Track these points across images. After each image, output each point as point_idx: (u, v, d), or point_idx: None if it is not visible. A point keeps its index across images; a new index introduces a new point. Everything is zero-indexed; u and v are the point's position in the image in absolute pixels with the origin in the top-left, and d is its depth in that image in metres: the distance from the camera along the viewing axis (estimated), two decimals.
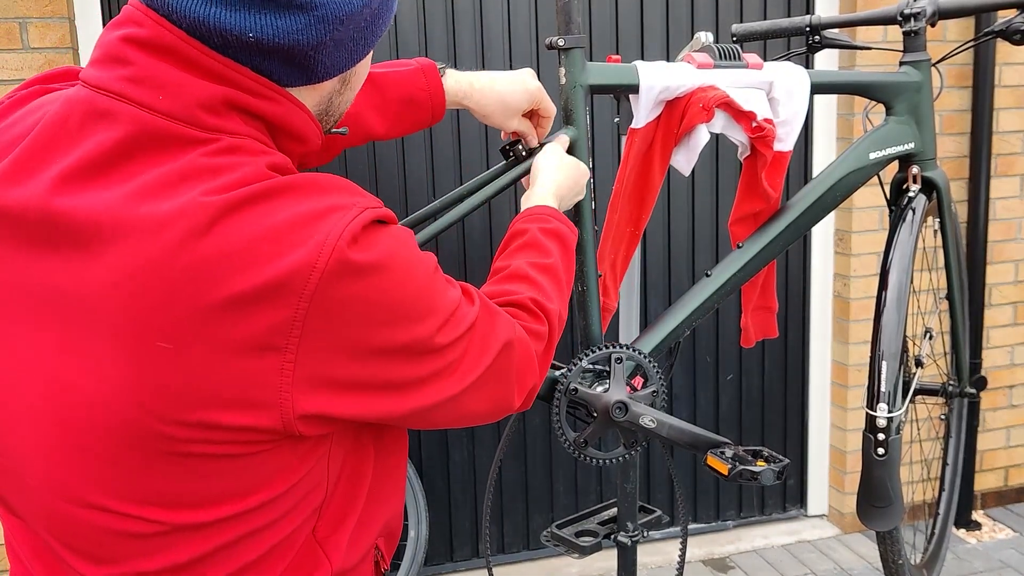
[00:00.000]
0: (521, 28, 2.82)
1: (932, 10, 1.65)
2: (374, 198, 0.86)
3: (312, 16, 0.78)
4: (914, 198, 1.70)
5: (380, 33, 0.90)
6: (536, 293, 1.10)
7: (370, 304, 0.80)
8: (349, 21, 0.81)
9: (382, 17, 0.88)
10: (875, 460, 1.57)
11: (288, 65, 0.81)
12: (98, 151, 0.76)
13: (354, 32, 0.84)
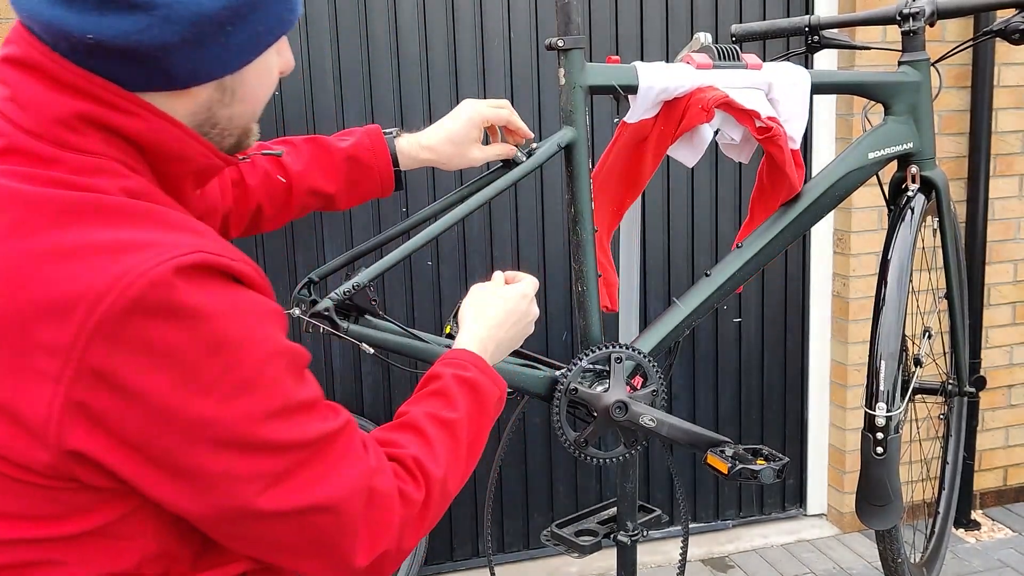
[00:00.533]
0: (521, 28, 2.83)
1: (931, 10, 1.65)
2: (230, 249, 0.79)
3: (154, 16, 0.75)
4: (913, 198, 1.70)
5: (266, 39, 0.83)
6: (422, 451, 0.94)
7: (164, 354, 0.72)
8: (205, 22, 0.77)
9: (256, 20, 0.81)
10: (874, 459, 1.58)
11: (140, 68, 0.77)
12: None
13: (217, 35, 0.78)
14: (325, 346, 2.83)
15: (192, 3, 0.76)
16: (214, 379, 0.74)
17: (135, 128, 0.79)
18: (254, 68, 0.85)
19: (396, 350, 1.39)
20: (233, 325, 0.76)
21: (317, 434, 0.82)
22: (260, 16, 0.82)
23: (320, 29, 2.68)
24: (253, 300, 0.79)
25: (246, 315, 0.77)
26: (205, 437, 0.75)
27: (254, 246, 2.72)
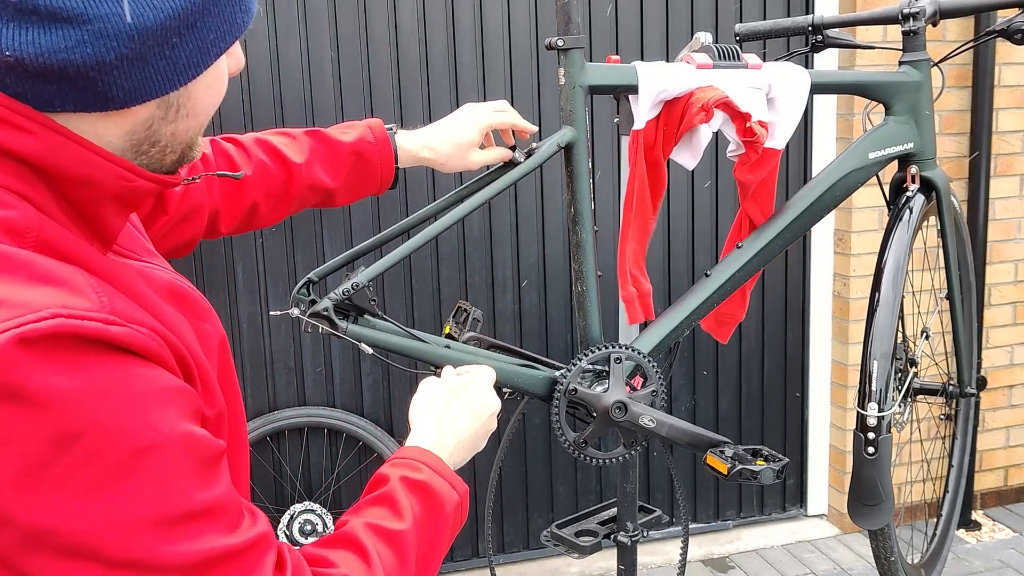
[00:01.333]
0: (521, 28, 2.83)
1: (932, 10, 1.65)
2: (119, 308, 0.64)
3: (86, 30, 0.63)
4: (912, 198, 1.70)
5: (217, 47, 0.72)
6: (358, 573, 0.78)
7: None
8: (145, 37, 0.66)
9: (206, 27, 0.70)
10: (865, 459, 1.57)
11: (70, 88, 0.66)
12: None
13: (161, 49, 0.67)
14: (325, 346, 2.83)
15: (133, 15, 0.65)
16: (64, 475, 0.59)
17: (25, 147, 0.66)
18: (203, 79, 0.73)
19: (395, 350, 1.39)
20: (96, 410, 0.60)
21: (212, 551, 0.65)
22: (210, 23, 0.70)
23: (320, 29, 2.67)
24: (133, 377, 0.63)
25: (118, 397, 0.61)
26: (49, 545, 0.60)
27: (253, 246, 2.72)
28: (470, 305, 1.50)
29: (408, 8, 2.73)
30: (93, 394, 0.60)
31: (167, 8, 0.66)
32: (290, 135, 1.29)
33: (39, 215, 0.67)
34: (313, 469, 2.89)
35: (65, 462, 0.59)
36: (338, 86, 2.72)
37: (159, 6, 0.66)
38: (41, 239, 0.66)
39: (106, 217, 0.75)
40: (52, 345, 0.59)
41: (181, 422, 0.65)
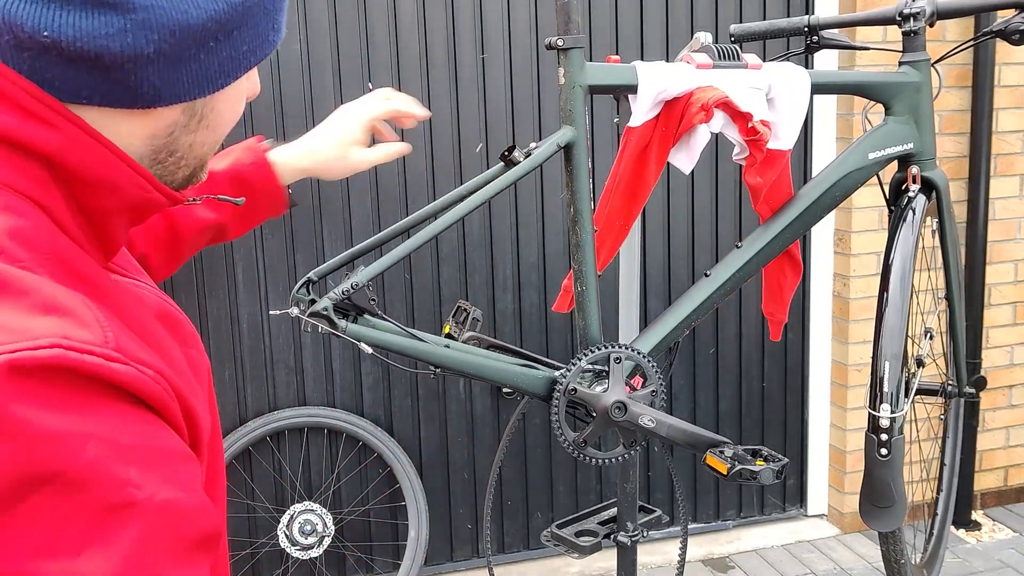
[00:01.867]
0: (521, 28, 2.83)
1: (931, 10, 1.65)
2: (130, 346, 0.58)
3: (130, 19, 0.61)
4: (914, 198, 1.70)
5: (248, 60, 0.70)
6: None
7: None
8: (186, 35, 0.64)
9: (241, 38, 0.69)
10: (878, 460, 1.57)
11: (102, 78, 0.63)
12: None
13: (198, 51, 0.66)
14: (324, 346, 2.83)
15: (177, 10, 0.63)
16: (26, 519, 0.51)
17: (49, 144, 0.62)
18: (229, 92, 0.72)
19: (395, 350, 1.39)
20: (80, 454, 0.52)
21: None
22: (246, 34, 0.69)
23: (320, 29, 2.68)
24: (130, 425, 0.56)
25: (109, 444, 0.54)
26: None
27: (253, 246, 2.73)
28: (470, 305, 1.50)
29: (408, 8, 2.73)
30: (81, 436, 0.53)
31: (211, 10, 0.65)
32: None
33: (51, 227, 0.63)
34: (313, 469, 2.89)
35: (30, 504, 0.51)
36: (338, 86, 2.72)
37: (204, 6, 0.64)
38: (52, 254, 0.61)
39: (114, 229, 0.70)
40: (47, 377, 0.53)
41: (179, 491, 0.57)
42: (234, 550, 2.87)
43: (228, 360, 2.77)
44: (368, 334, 1.37)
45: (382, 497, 2.95)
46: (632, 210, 1.58)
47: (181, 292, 2.70)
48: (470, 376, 1.44)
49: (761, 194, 1.61)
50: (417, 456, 2.96)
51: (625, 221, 1.58)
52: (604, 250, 1.60)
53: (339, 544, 2.94)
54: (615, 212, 1.57)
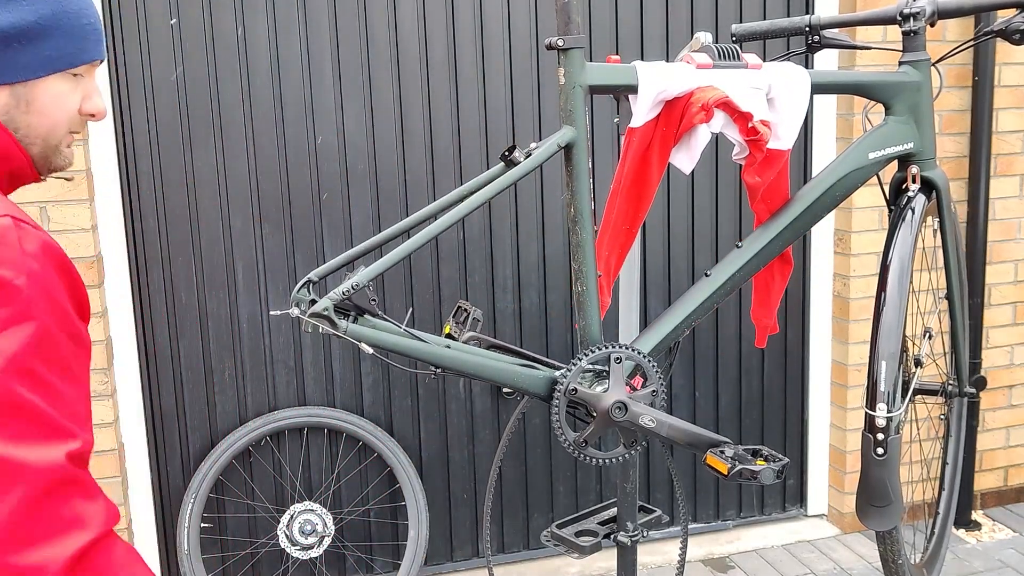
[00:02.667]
0: (521, 28, 2.83)
1: (931, 10, 1.65)
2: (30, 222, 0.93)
3: None
4: (913, 198, 1.70)
5: (55, 64, 1.03)
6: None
7: None
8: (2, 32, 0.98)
9: (46, 47, 1.02)
10: (874, 460, 1.57)
11: None
12: None
13: (6, 48, 0.99)
14: (324, 346, 2.83)
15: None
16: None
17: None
18: (45, 86, 1.04)
19: (395, 350, 1.39)
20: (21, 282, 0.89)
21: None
22: (49, 45, 1.02)
23: (320, 29, 2.68)
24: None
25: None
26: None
27: (253, 246, 2.73)
28: (470, 305, 1.50)
29: (408, 8, 2.73)
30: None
31: (12, 20, 0.98)
32: None
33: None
34: (313, 469, 2.90)
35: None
36: (338, 86, 2.72)
37: (14, 15, 0.98)
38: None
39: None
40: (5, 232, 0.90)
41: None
42: (234, 550, 2.87)
43: (228, 360, 2.77)
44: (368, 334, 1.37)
45: (382, 497, 2.95)
46: (638, 213, 1.57)
47: (181, 292, 2.70)
48: (470, 376, 1.44)
49: (759, 193, 1.61)
50: (417, 456, 2.96)
51: (632, 224, 1.58)
52: (614, 257, 1.59)
53: (339, 544, 2.94)
54: (621, 216, 1.57)
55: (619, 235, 1.58)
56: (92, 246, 2.46)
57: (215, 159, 2.67)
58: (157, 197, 2.65)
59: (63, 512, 0.86)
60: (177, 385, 2.75)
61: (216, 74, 2.63)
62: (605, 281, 1.58)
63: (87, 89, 1.09)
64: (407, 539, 2.83)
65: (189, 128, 2.64)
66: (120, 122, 2.58)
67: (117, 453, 2.58)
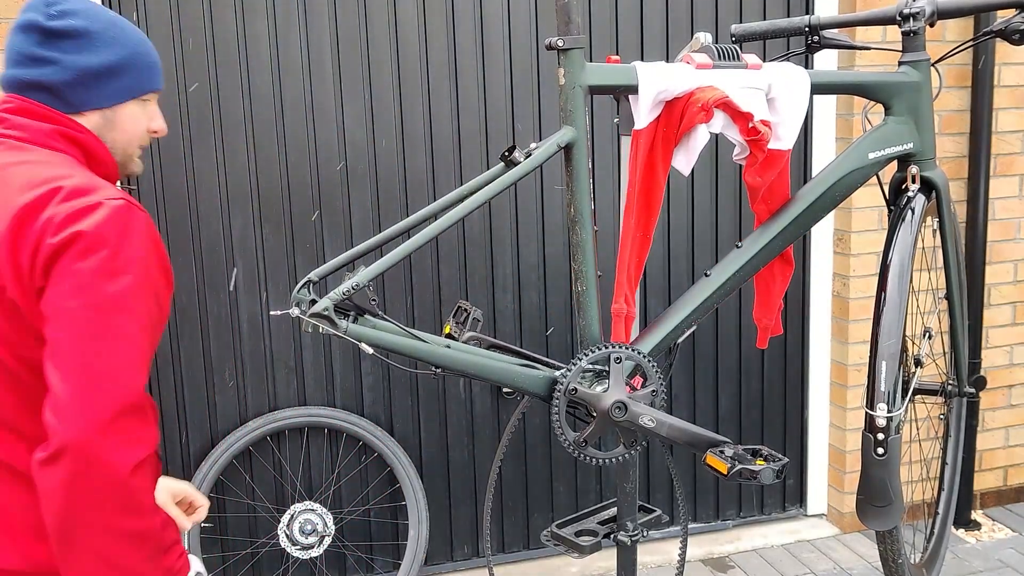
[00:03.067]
0: (521, 28, 2.83)
1: (931, 10, 1.65)
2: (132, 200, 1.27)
3: (59, 66, 1.31)
4: (913, 198, 1.70)
5: (130, 93, 1.37)
6: None
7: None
8: (87, 73, 1.32)
9: (124, 80, 1.36)
10: (874, 460, 1.57)
11: (55, 97, 1.32)
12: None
13: (96, 81, 1.33)
14: (324, 346, 2.83)
15: (80, 61, 1.32)
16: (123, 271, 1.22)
17: (80, 140, 1.34)
18: (124, 110, 1.37)
19: (395, 350, 1.39)
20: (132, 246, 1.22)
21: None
22: (125, 79, 1.36)
23: (320, 29, 2.68)
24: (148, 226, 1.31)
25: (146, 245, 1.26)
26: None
27: (254, 246, 2.73)
28: (470, 305, 1.50)
29: (408, 8, 2.74)
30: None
31: (99, 61, 1.32)
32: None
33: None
34: (313, 469, 2.90)
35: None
36: (338, 86, 2.72)
37: (97, 58, 1.32)
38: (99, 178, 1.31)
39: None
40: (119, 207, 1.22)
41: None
42: (234, 550, 2.87)
43: (228, 360, 2.77)
44: (369, 334, 1.37)
45: (382, 497, 2.95)
46: (651, 217, 1.58)
47: (182, 292, 2.70)
48: (470, 376, 1.44)
49: (759, 193, 1.61)
50: (417, 456, 2.96)
51: (646, 230, 1.58)
52: (634, 266, 1.58)
53: (339, 544, 2.94)
54: (637, 223, 1.56)
55: (636, 244, 1.57)
56: None
57: (215, 159, 2.67)
58: (157, 197, 2.65)
59: (136, 428, 1.16)
60: (177, 385, 2.75)
61: (217, 74, 2.63)
62: (630, 292, 1.57)
63: (151, 112, 1.42)
64: (407, 539, 2.83)
65: (189, 128, 2.64)
66: None
67: None
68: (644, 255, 1.59)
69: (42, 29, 1.33)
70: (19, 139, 1.32)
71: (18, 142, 1.31)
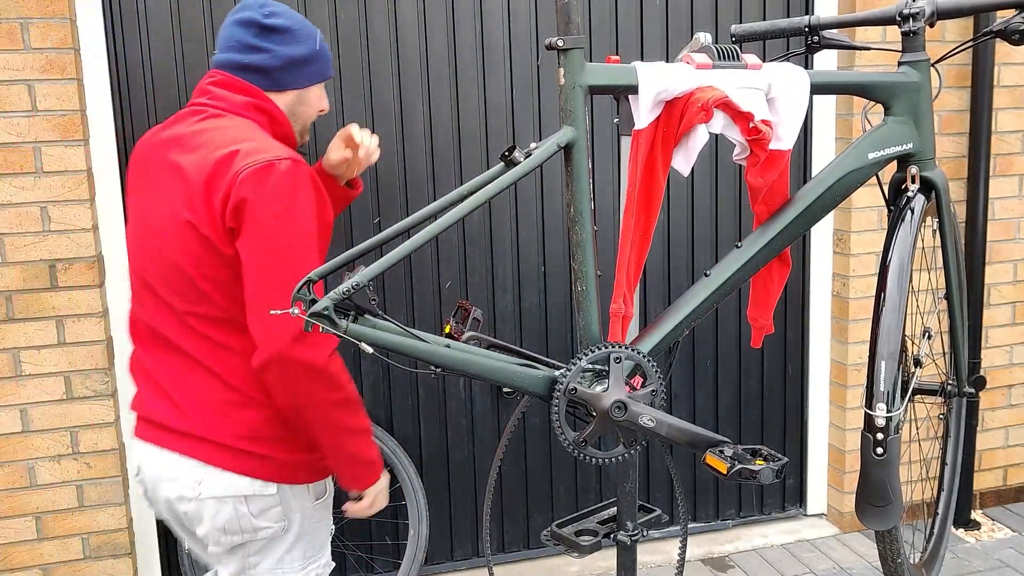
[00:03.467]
0: (521, 28, 2.83)
1: (931, 10, 1.66)
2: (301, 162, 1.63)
3: (271, 54, 1.72)
4: (913, 198, 1.70)
5: (317, 77, 1.80)
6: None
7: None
8: (292, 61, 1.74)
9: (314, 67, 1.79)
10: (874, 459, 1.58)
11: (269, 79, 1.74)
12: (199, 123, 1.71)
13: (297, 68, 1.76)
14: None
15: (287, 51, 1.74)
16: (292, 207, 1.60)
17: (267, 110, 1.73)
18: (311, 91, 1.82)
19: (395, 350, 1.39)
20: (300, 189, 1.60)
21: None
22: (314, 66, 1.79)
23: (320, 29, 2.68)
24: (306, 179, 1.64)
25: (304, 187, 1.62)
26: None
27: None
28: (470, 304, 1.50)
29: (408, 8, 2.74)
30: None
31: (300, 52, 1.74)
32: None
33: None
34: None
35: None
36: (338, 86, 2.72)
37: (299, 49, 1.74)
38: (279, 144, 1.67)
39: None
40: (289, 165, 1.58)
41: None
42: None
43: None
44: (369, 334, 1.37)
45: None
46: (650, 218, 1.57)
47: None
48: (470, 376, 1.45)
49: (761, 194, 1.61)
50: (417, 456, 2.96)
51: (645, 231, 1.58)
52: (633, 267, 1.58)
53: (339, 543, 2.94)
54: (638, 224, 1.56)
55: (636, 244, 1.57)
56: (92, 246, 2.47)
57: None
58: None
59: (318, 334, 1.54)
60: None
61: None
62: (628, 292, 1.57)
63: (322, 95, 1.86)
64: (407, 538, 2.83)
65: None
66: (120, 122, 2.59)
67: (117, 453, 2.58)
68: (644, 255, 1.59)
69: (259, 24, 1.71)
70: (218, 108, 1.69)
71: (217, 110, 1.69)
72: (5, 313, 2.44)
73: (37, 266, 2.44)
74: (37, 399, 2.50)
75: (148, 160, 1.71)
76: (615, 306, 1.57)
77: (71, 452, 2.54)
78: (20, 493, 2.53)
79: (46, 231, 2.43)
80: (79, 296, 2.48)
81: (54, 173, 2.41)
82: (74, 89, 2.39)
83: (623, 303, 1.55)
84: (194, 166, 1.58)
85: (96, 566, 2.61)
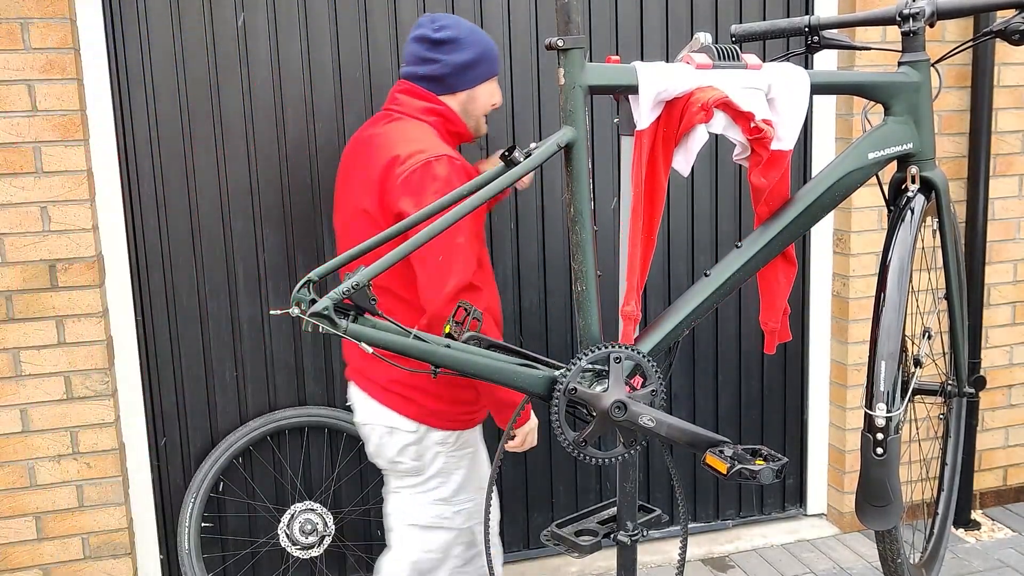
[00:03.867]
0: (521, 28, 2.83)
1: (931, 10, 1.65)
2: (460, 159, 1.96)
3: (442, 63, 2.04)
4: (913, 198, 1.70)
5: (483, 77, 2.08)
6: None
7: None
8: (459, 66, 2.04)
9: (480, 68, 2.07)
10: (874, 460, 1.58)
11: (441, 85, 2.06)
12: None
13: (464, 71, 2.05)
14: (324, 346, 2.83)
15: (455, 60, 2.04)
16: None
17: (441, 112, 2.06)
18: (481, 89, 2.09)
19: (396, 349, 1.39)
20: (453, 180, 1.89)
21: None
22: (480, 67, 2.07)
23: (320, 29, 2.68)
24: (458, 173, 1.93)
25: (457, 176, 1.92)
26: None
27: (255, 246, 2.73)
28: (470, 305, 1.50)
29: (408, 8, 2.74)
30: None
31: (465, 57, 2.05)
32: None
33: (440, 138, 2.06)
34: (313, 468, 2.90)
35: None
36: (338, 86, 2.72)
37: (464, 56, 2.05)
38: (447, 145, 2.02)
39: (451, 145, 2.08)
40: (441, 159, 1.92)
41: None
42: (234, 549, 2.88)
43: (228, 360, 2.77)
44: (369, 334, 1.37)
45: (382, 496, 2.95)
46: (654, 219, 1.57)
47: (183, 293, 2.70)
48: (470, 376, 1.45)
49: (763, 195, 1.61)
50: None
51: (649, 232, 1.57)
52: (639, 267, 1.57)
53: (339, 543, 2.94)
54: (644, 225, 1.55)
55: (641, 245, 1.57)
56: (92, 246, 2.47)
57: (215, 159, 2.67)
58: (157, 197, 2.65)
59: (470, 297, 1.89)
60: (177, 385, 2.75)
61: (216, 74, 2.63)
62: (636, 292, 1.57)
63: (493, 90, 2.12)
64: None
65: (189, 128, 2.64)
66: (120, 122, 2.59)
67: (117, 453, 2.58)
68: (649, 256, 1.59)
69: (430, 40, 2.05)
70: (401, 112, 2.05)
71: (400, 114, 2.05)
72: (5, 313, 2.44)
73: (37, 266, 2.44)
74: (37, 399, 2.50)
75: (350, 154, 2.11)
76: (628, 308, 1.56)
77: (71, 452, 2.54)
78: (20, 493, 2.53)
79: (46, 231, 2.44)
80: (79, 296, 2.48)
81: (54, 173, 2.42)
82: (74, 89, 2.40)
83: (634, 305, 1.55)
84: (372, 163, 1.97)
85: (96, 566, 2.61)
